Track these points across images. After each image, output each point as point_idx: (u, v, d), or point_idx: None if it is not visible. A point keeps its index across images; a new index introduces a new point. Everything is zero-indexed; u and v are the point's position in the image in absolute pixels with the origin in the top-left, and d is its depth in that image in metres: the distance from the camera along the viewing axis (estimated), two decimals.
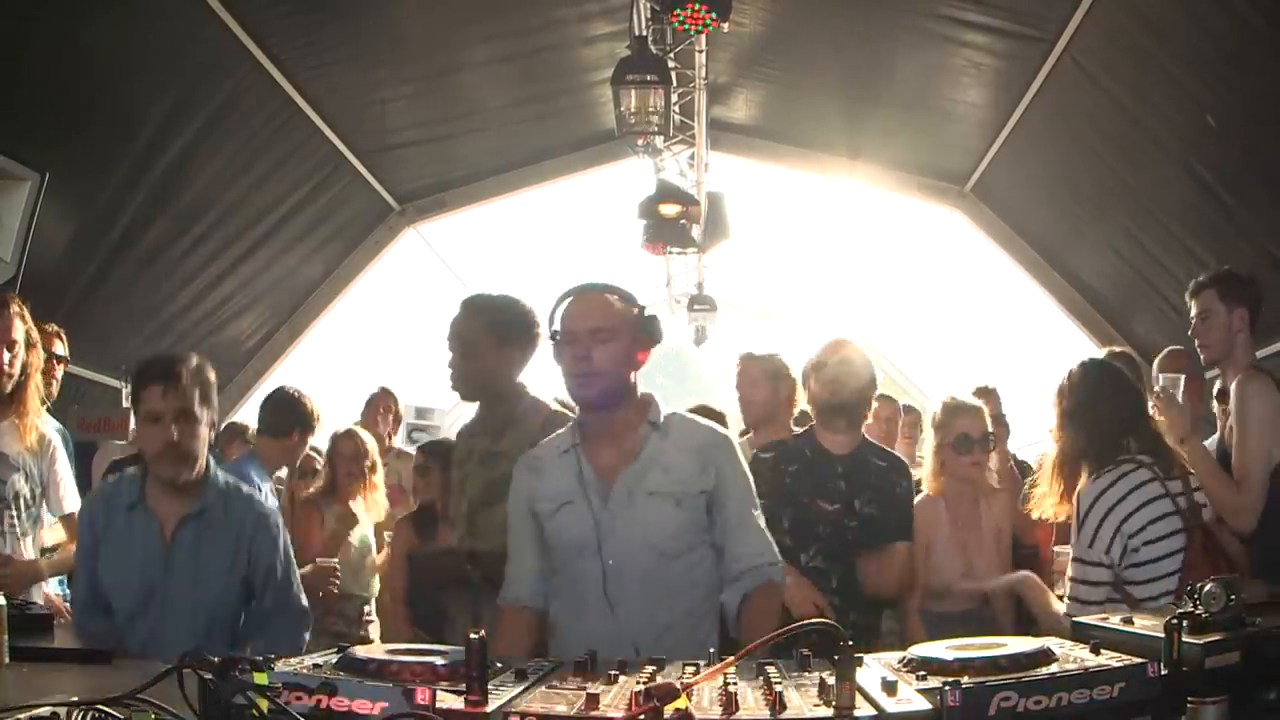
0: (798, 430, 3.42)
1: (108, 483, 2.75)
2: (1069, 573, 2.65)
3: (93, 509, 2.61)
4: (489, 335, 2.91)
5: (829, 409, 3.09)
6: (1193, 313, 3.19)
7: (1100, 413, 2.72)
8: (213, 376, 2.55)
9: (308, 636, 2.69)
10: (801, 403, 3.51)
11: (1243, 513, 2.84)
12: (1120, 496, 2.58)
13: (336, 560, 4.02)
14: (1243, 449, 2.90)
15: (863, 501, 3.04)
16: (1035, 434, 3.62)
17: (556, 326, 2.30)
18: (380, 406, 5.42)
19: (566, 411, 2.95)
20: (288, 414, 3.83)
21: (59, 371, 3.60)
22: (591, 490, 2.27)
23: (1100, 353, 4.11)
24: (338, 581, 3.97)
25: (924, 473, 3.55)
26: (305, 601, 2.69)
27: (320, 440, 4.46)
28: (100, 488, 2.73)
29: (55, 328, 3.60)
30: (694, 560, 2.29)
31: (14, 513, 3.03)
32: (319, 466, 4.46)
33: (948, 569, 3.39)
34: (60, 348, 3.63)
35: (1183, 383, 3.12)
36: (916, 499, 3.42)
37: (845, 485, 3.05)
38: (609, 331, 2.25)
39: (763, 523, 2.36)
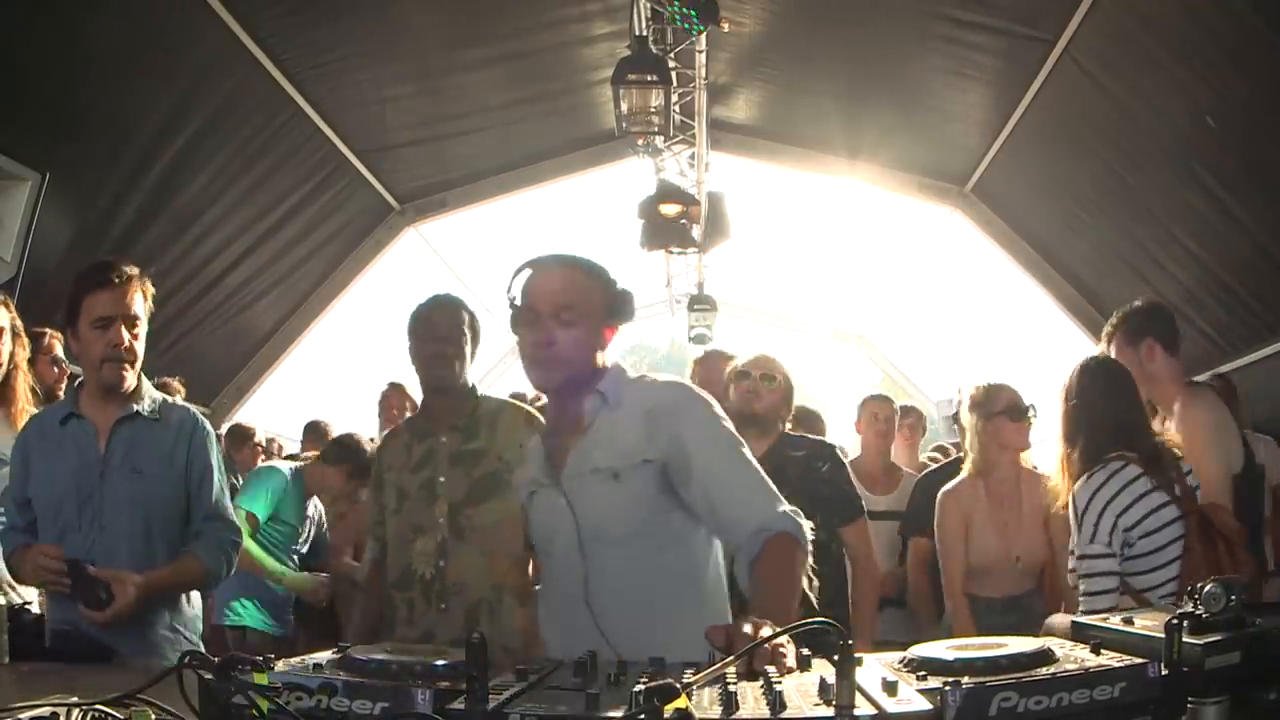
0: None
1: (43, 409, 2.79)
2: (1078, 572, 2.65)
3: (26, 431, 2.64)
4: (470, 331, 2.97)
5: (742, 419, 3.18)
6: None
7: (1097, 412, 2.74)
8: (151, 289, 2.59)
9: (236, 557, 2.69)
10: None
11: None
12: (1114, 493, 2.61)
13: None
14: (1198, 466, 2.85)
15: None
16: (1036, 433, 3.64)
17: (515, 296, 1.99)
18: (393, 404, 5.28)
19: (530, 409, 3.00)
20: (360, 460, 4.22)
21: (63, 382, 3.61)
22: (547, 476, 2.04)
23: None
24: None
25: (966, 460, 3.57)
26: (234, 517, 2.71)
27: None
28: (35, 414, 2.76)
29: (54, 332, 3.59)
30: (652, 547, 1.93)
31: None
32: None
33: (989, 549, 3.43)
34: (60, 350, 3.62)
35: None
36: (953, 483, 3.49)
37: None
38: (575, 311, 1.94)
39: (757, 475, 1.95)
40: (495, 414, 2.94)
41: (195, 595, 2.69)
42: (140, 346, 2.55)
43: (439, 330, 2.93)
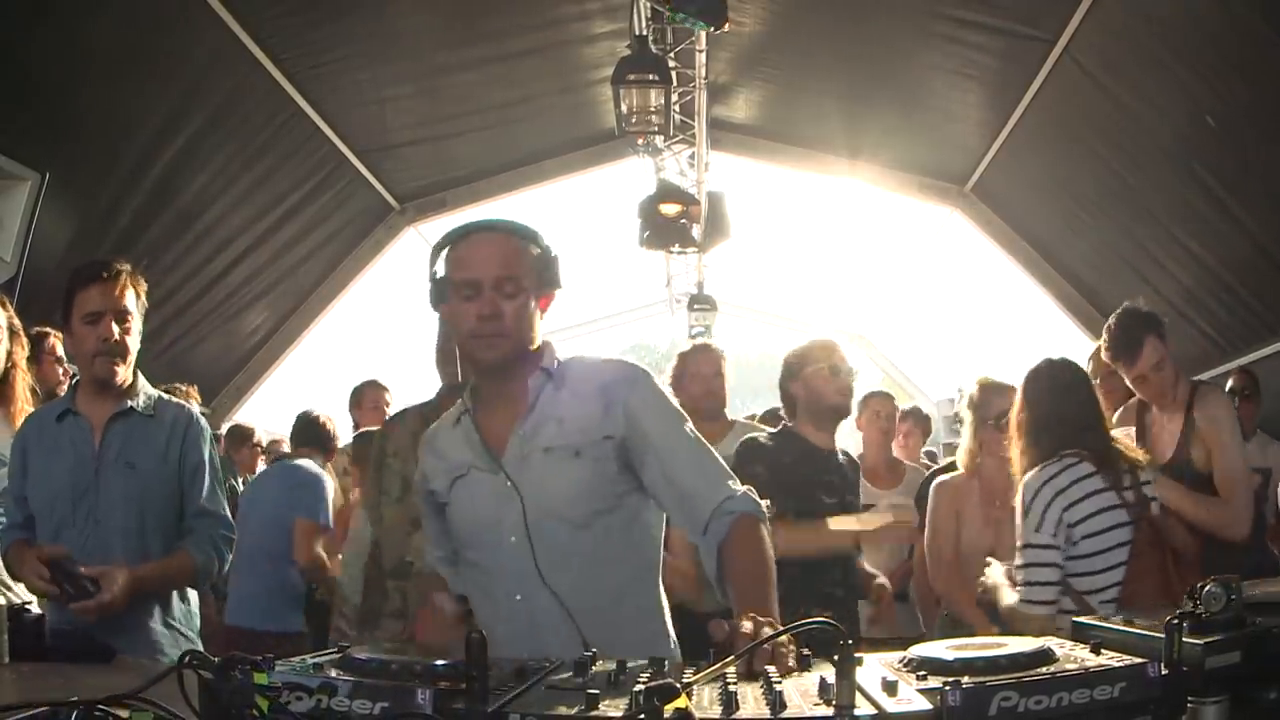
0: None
1: (41, 406, 2.81)
2: (1017, 561, 2.64)
3: (25, 428, 2.66)
4: None
5: (829, 409, 3.20)
6: (1136, 370, 3.07)
7: (1044, 412, 2.75)
8: (144, 285, 2.61)
9: (230, 552, 2.67)
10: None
11: (1236, 523, 2.85)
12: (1064, 486, 2.60)
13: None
14: (1225, 460, 2.89)
15: (853, 495, 3.27)
16: None
17: (444, 271, 1.88)
18: (367, 400, 5.16)
19: None
20: (329, 436, 4.66)
21: (66, 382, 3.61)
22: (482, 459, 1.89)
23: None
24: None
25: (959, 454, 3.58)
26: (226, 512, 2.71)
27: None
28: (33, 411, 2.77)
29: (57, 333, 3.59)
30: (612, 526, 1.86)
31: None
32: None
33: (978, 546, 3.41)
34: (62, 350, 3.62)
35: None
36: (947, 476, 3.55)
37: (839, 480, 3.21)
38: (517, 282, 1.84)
39: (710, 452, 1.90)
40: None
41: (192, 591, 2.69)
42: (133, 342, 2.56)
43: None
